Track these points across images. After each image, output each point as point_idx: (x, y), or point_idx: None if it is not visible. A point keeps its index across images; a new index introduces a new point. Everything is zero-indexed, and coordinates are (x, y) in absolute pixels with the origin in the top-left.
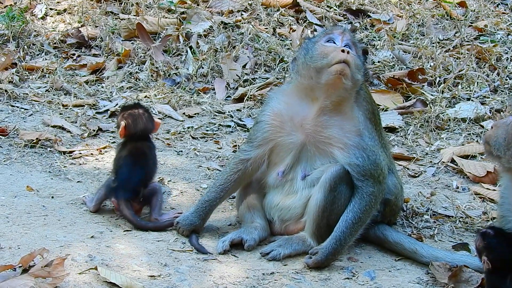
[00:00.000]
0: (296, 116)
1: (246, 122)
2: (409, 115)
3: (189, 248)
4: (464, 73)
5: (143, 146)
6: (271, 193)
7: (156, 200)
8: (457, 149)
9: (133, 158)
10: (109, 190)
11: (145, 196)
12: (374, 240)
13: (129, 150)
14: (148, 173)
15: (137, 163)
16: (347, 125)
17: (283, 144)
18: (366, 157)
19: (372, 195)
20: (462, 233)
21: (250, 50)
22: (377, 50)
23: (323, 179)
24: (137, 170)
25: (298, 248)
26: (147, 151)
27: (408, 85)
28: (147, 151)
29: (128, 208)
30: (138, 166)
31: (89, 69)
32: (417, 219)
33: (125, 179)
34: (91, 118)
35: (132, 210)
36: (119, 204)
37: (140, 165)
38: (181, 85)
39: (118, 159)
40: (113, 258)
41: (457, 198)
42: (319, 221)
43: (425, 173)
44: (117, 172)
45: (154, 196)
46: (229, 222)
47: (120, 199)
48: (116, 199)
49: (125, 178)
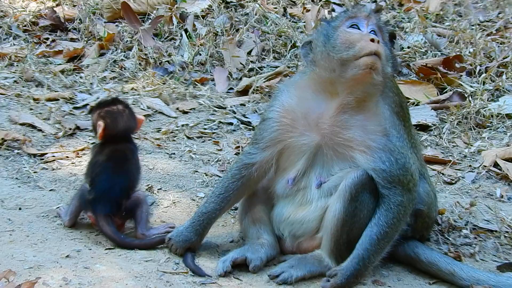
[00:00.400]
0: (311, 113)
1: (251, 119)
2: (444, 111)
3: (183, 270)
4: (509, 60)
5: (124, 149)
6: (280, 204)
7: (141, 212)
8: (501, 150)
9: (112, 163)
10: (84, 203)
11: (128, 208)
12: (404, 260)
13: (107, 154)
14: (131, 181)
15: (118, 169)
16: (372, 124)
17: (295, 146)
18: (394, 160)
19: (400, 206)
20: (508, 251)
21: (256, 34)
22: (406, 33)
23: (342, 186)
24: (117, 178)
25: (313, 270)
26: (129, 154)
27: (443, 75)
28: (129, 154)
29: (109, 224)
30: (119, 174)
31: (66, 56)
32: (454, 234)
33: (104, 190)
34: (67, 114)
35: (113, 226)
36: (97, 220)
37: (121, 172)
38: (174, 75)
39: (94, 164)
40: (93, 282)
41: (502, 209)
42: (338, 237)
43: (463, 179)
44: (93, 181)
45: (139, 208)
46: (231, 238)
47: (99, 214)
48: (94, 214)
49: (104, 189)
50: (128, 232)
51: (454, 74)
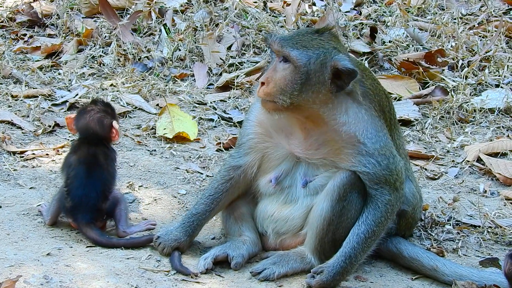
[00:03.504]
0: (281, 132)
1: (232, 115)
2: (426, 105)
3: (165, 268)
4: (491, 54)
5: (96, 153)
6: (264, 202)
7: (120, 210)
8: (485, 145)
9: (84, 168)
10: (63, 208)
11: (107, 209)
12: (387, 256)
13: (80, 156)
14: (105, 185)
15: (90, 174)
16: (343, 134)
17: (274, 153)
18: (375, 163)
19: (388, 204)
20: (491, 246)
21: (236, 29)
22: (388, 27)
23: (330, 186)
24: (91, 184)
25: (295, 267)
26: (102, 159)
27: (425, 70)
28: (102, 159)
29: (92, 229)
30: (92, 179)
31: (44, 53)
32: (437, 229)
33: (80, 197)
34: (46, 111)
35: (97, 230)
36: (80, 227)
37: (94, 177)
38: (154, 71)
39: (68, 164)
40: (74, 280)
41: (485, 205)
42: (323, 235)
43: (446, 174)
44: (67, 184)
45: (117, 206)
46: (213, 235)
47: (81, 222)
48: (76, 222)
49: (79, 196)
50: (109, 229)
51: (436, 68)
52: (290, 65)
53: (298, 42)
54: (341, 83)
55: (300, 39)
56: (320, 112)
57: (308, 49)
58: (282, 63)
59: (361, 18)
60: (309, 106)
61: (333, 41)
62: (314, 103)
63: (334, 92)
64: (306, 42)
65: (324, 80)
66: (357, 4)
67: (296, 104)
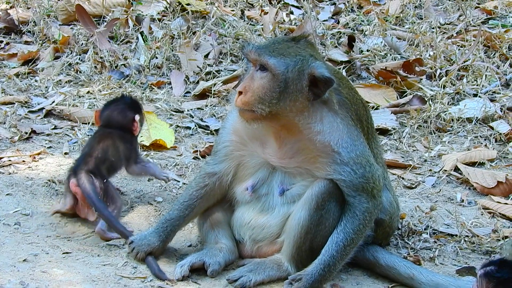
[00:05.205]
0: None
1: (209, 123)
2: (404, 115)
3: (141, 275)
4: (470, 64)
5: (113, 133)
6: (240, 210)
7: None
8: (462, 154)
9: (99, 138)
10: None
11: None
12: (364, 264)
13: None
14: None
15: (103, 143)
16: (317, 143)
17: (249, 162)
18: (350, 171)
19: (366, 212)
20: (467, 255)
21: (213, 37)
22: (366, 36)
23: (308, 195)
24: (101, 149)
25: (272, 274)
26: (117, 139)
27: (403, 79)
28: (117, 139)
29: (90, 182)
30: (103, 146)
31: (20, 59)
32: (414, 238)
33: (86, 154)
34: (23, 118)
35: (94, 186)
36: (78, 179)
37: (105, 146)
38: (130, 78)
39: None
40: (50, 286)
41: (462, 214)
42: (301, 244)
43: (423, 183)
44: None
45: (112, 205)
46: (189, 242)
47: (79, 171)
48: (75, 175)
49: (86, 153)
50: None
51: (414, 77)
52: (268, 73)
53: (275, 50)
54: (318, 91)
55: (277, 47)
56: (295, 121)
57: (286, 57)
58: (259, 72)
59: (339, 27)
60: (285, 115)
61: (310, 49)
62: (291, 111)
63: (311, 100)
64: (283, 50)
65: (301, 88)
66: (335, 13)
67: (274, 112)
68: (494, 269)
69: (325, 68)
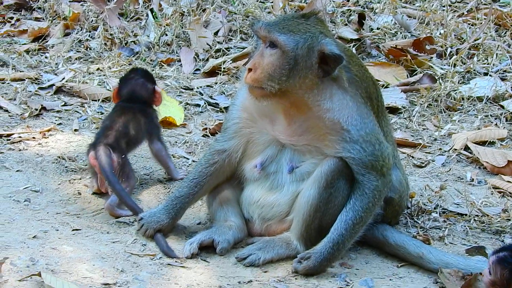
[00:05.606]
0: (266, 117)
1: (219, 100)
2: (414, 93)
3: (150, 252)
4: (480, 42)
5: (135, 107)
6: (249, 188)
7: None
8: (472, 134)
9: (121, 111)
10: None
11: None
12: (373, 243)
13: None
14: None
15: (124, 116)
16: (326, 121)
17: (258, 139)
18: (360, 149)
19: (376, 190)
20: (477, 235)
21: (223, 14)
22: (376, 14)
23: (318, 173)
24: (122, 122)
25: (281, 252)
26: (139, 113)
27: (413, 57)
28: (139, 113)
29: (107, 155)
30: (124, 120)
31: (31, 36)
32: (423, 217)
33: (106, 127)
34: (33, 94)
35: (111, 160)
36: (96, 151)
37: (127, 120)
38: (140, 55)
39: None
40: (60, 263)
41: (472, 193)
42: (310, 222)
43: (433, 162)
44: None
45: (126, 182)
46: (198, 220)
47: (98, 144)
48: (94, 149)
49: (106, 126)
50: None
51: (424, 56)
52: (278, 50)
53: (285, 27)
54: (327, 68)
55: (286, 24)
56: (305, 98)
57: (295, 34)
58: (269, 49)
59: (349, 5)
60: (295, 92)
61: (320, 26)
62: (300, 88)
63: (320, 77)
64: (293, 27)
65: (311, 65)
66: None
67: (283, 89)
68: (508, 255)
69: (334, 45)
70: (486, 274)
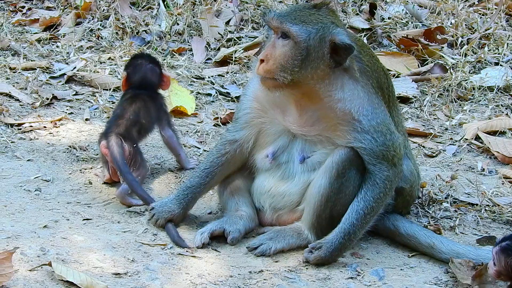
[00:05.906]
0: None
1: (230, 90)
2: (425, 83)
3: (161, 242)
4: (491, 32)
5: (143, 94)
6: (261, 177)
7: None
8: (483, 123)
9: (131, 99)
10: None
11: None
12: (384, 233)
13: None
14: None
15: (135, 104)
16: (337, 111)
17: (270, 129)
18: (371, 139)
19: (387, 180)
20: (488, 225)
21: (234, 3)
22: (387, 4)
23: (329, 163)
24: (132, 110)
25: (292, 242)
26: (148, 99)
27: (424, 47)
28: (148, 99)
29: (118, 145)
30: (135, 108)
31: (42, 25)
32: (434, 207)
33: (118, 116)
34: (44, 84)
35: (122, 149)
36: (108, 141)
37: (137, 108)
38: (151, 45)
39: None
40: (70, 252)
41: (483, 183)
42: (321, 211)
43: (444, 152)
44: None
45: (137, 171)
46: (209, 210)
47: (110, 134)
48: (106, 138)
49: (118, 115)
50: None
51: (435, 45)
52: (290, 41)
53: (297, 18)
54: (339, 58)
55: (298, 15)
56: (316, 88)
57: (307, 24)
58: (281, 40)
59: None
60: (307, 82)
61: (331, 16)
62: (312, 79)
63: (332, 68)
64: (304, 17)
65: (323, 55)
66: None
67: (295, 80)
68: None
69: (346, 35)
70: (491, 266)
